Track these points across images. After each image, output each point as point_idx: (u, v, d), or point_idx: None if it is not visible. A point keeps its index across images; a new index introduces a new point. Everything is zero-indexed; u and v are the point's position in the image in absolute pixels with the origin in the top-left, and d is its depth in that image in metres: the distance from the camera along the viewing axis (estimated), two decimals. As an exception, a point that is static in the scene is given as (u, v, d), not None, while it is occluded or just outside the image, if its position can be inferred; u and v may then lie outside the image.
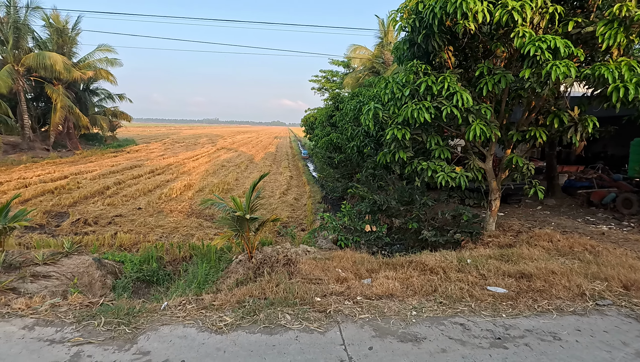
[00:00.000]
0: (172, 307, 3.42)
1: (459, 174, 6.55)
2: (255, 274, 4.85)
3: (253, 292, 3.74)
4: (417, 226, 8.02)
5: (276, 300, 3.55)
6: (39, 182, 17.50)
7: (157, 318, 3.16)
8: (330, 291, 3.95)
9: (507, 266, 5.06)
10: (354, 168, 15.42)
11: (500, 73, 6.15)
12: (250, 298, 3.58)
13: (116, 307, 3.25)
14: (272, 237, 10.52)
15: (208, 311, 3.32)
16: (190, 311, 3.31)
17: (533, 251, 6.49)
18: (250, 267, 5.07)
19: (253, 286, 3.88)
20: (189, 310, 3.32)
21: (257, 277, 4.63)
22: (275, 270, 4.76)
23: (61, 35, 30.05)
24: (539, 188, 7.31)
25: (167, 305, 3.44)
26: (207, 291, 4.08)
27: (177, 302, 3.53)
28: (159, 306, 3.43)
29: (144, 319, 3.14)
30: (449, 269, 5.00)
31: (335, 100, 18.38)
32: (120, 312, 3.18)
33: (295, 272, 4.89)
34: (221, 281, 6.71)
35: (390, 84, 6.82)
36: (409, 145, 7.13)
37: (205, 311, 3.31)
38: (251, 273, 4.90)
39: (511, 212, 11.04)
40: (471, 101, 5.90)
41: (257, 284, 3.98)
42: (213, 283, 6.91)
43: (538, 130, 6.88)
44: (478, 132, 6.10)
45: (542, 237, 7.64)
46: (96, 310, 3.24)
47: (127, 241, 10.04)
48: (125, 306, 3.25)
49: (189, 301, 3.52)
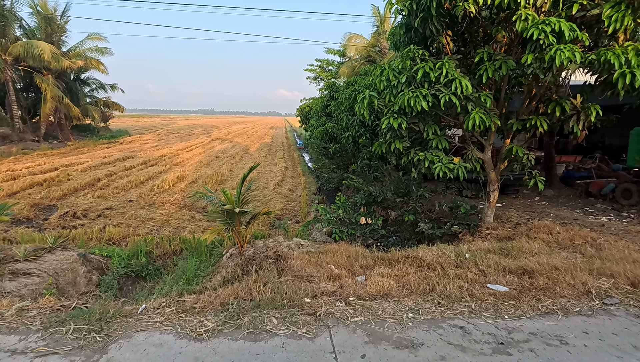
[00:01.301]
0: (150, 310, 3.17)
1: (457, 165, 6.30)
2: (244, 271, 4.60)
3: (238, 292, 3.49)
4: (413, 218, 7.79)
5: (263, 301, 3.30)
6: (28, 175, 17.11)
7: (132, 323, 2.91)
8: (321, 290, 3.71)
9: (508, 261, 4.84)
10: (349, 158, 15.15)
11: (501, 59, 5.86)
12: (235, 299, 3.33)
13: (88, 312, 2.99)
14: (266, 230, 10.27)
15: (188, 314, 3.07)
16: (169, 315, 3.06)
17: (533, 244, 6.28)
18: (239, 264, 4.82)
19: (239, 286, 3.64)
20: (168, 314, 3.07)
21: (245, 275, 4.38)
22: (265, 267, 4.51)
23: (49, 24, 29.24)
24: (539, 179, 7.09)
25: (145, 308, 3.19)
26: (190, 291, 3.82)
27: (157, 304, 3.27)
28: (136, 309, 3.18)
29: (117, 324, 2.88)
30: (447, 264, 4.77)
31: (331, 89, 18.02)
32: (92, 317, 2.93)
33: (285, 268, 4.65)
34: (209, 277, 6.47)
35: (386, 70, 6.51)
36: (405, 135, 6.86)
37: (186, 315, 3.06)
38: (239, 270, 4.65)
39: (509, 203, 10.85)
40: (471, 88, 5.62)
41: (244, 283, 3.73)
42: (202, 278, 6.67)
43: (539, 119, 6.62)
44: (477, 121, 5.83)
45: (542, 229, 7.44)
46: (66, 315, 2.98)
47: (116, 235, 9.76)
48: (98, 311, 2.99)
49: (169, 304, 3.27)
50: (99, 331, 2.78)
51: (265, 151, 31.83)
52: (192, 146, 32.89)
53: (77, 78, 34.11)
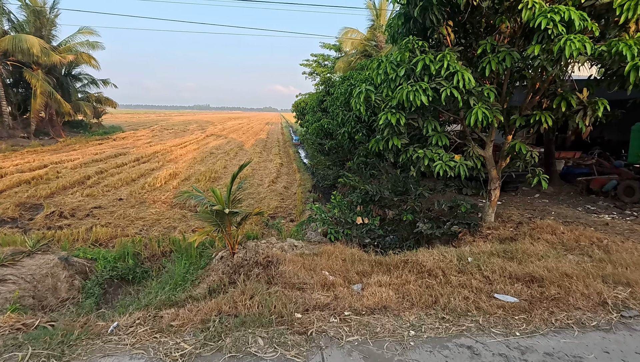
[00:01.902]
0: (122, 328, 2.84)
1: (458, 163, 5.98)
2: (231, 280, 4.27)
3: (222, 306, 3.17)
4: (412, 217, 7.48)
5: (249, 318, 2.98)
6: (16, 172, 16.63)
7: (99, 346, 2.58)
8: (314, 302, 3.40)
9: (513, 266, 4.54)
10: (345, 155, 14.82)
11: (505, 51, 5.53)
12: (218, 316, 3.01)
13: (50, 333, 2.66)
14: (259, 230, 9.92)
15: (164, 334, 2.74)
16: (142, 335, 2.73)
17: (537, 246, 6.00)
18: (226, 271, 4.49)
19: (224, 299, 3.31)
20: (141, 334, 2.73)
21: (232, 283, 4.05)
22: (254, 275, 4.18)
23: (39, 17, 28.56)
24: (542, 177, 6.80)
25: (117, 326, 2.86)
26: (170, 304, 3.49)
27: (131, 321, 2.94)
28: (106, 326, 2.85)
29: (82, 348, 2.55)
30: (449, 270, 4.47)
31: (327, 84, 17.64)
32: (53, 339, 2.59)
33: (276, 275, 4.32)
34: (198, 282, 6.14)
35: (383, 63, 6.17)
36: (403, 132, 6.53)
37: (161, 335, 2.73)
38: (226, 278, 4.32)
39: (509, 200, 10.58)
40: (473, 82, 5.29)
41: (229, 295, 3.41)
42: (191, 282, 6.35)
43: (543, 114, 6.31)
44: (480, 116, 5.51)
45: (545, 229, 7.16)
46: (25, 337, 2.64)
47: (104, 236, 9.38)
48: (60, 332, 2.66)
49: (144, 320, 2.94)
50: (60, 356, 2.44)
51: (261, 147, 31.41)
52: (186, 142, 32.40)
53: (69, 73, 33.44)
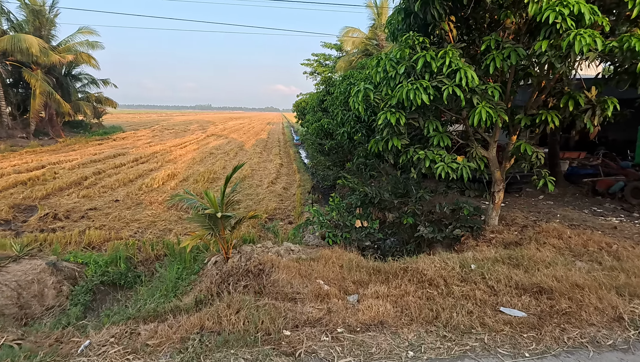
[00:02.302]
0: (95, 347, 2.59)
1: (460, 165, 5.72)
2: (220, 289, 4.03)
3: (205, 322, 2.92)
4: (412, 221, 7.22)
5: (232, 336, 2.73)
6: (13, 173, 16.44)
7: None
8: (305, 317, 3.15)
9: (520, 274, 4.28)
10: (345, 155, 14.57)
11: (510, 47, 5.26)
12: (200, 333, 2.76)
13: (13, 355, 2.42)
14: (256, 232, 9.67)
15: (138, 356, 2.50)
16: (113, 357, 2.48)
17: (544, 251, 5.73)
18: (215, 281, 4.24)
19: (207, 313, 3.07)
20: (112, 356, 2.49)
21: (221, 294, 3.81)
22: (243, 284, 3.93)
23: (38, 17, 28.38)
24: (548, 179, 6.53)
25: (88, 345, 2.62)
26: (149, 318, 3.24)
27: (105, 338, 2.70)
28: (77, 346, 2.61)
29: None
30: (451, 279, 4.21)
31: (327, 84, 17.38)
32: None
33: (268, 284, 4.08)
34: (190, 288, 5.91)
35: (382, 61, 5.91)
36: (404, 132, 6.26)
37: (134, 357, 2.48)
38: (215, 288, 4.08)
39: (512, 202, 10.31)
40: (477, 80, 5.02)
41: (214, 309, 3.16)
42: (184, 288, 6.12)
43: (550, 113, 6.04)
44: (484, 116, 5.24)
45: (551, 233, 6.89)
46: (-16, 359, 2.42)
47: (97, 239, 9.16)
48: (23, 354, 2.42)
49: (119, 338, 2.70)
50: (19, 383, 2.22)
51: (261, 147, 31.17)
52: (187, 142, 32.19)
53: (68, 73, 33.29)
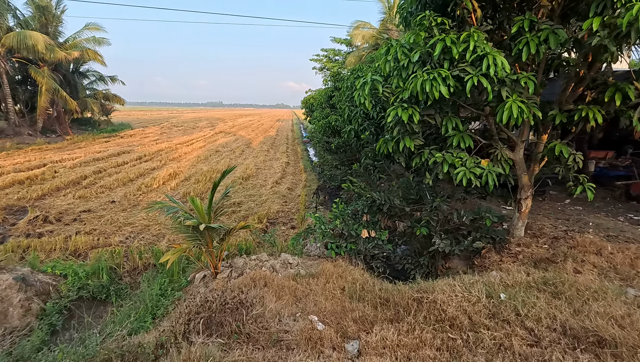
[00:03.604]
0: None
1: (485, 170, 4.84)
2: (188, 329, 3.25)
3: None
4: (426, 231, 6.36)
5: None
6: (12, 172, 16.03)
7: None
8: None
9: (564, 311, 3.41)
10: (354, 154, 13.73)
11: (548, 29, 4.36)
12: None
13: None
14: (255, 238, 8.89)
15: None
16: None
17: (585, 273, 4.84)
18: (181, 320, 3.45)
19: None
20: None
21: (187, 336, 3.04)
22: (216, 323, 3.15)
23: (44, 13, 28.11)
24: (588, 186, 5.61)
25: None
26: None
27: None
28: None
29: None
30: (478, 315, 3.37)
31: (335, 79, 16.54)
32: None
33: (249, 321, 3.29)
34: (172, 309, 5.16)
35: (393, 48, 5.05)
36: (417, 131, 5.40)
37: None
38: (181, 327, 3.30)
39: (536, 206, 9.35)
40: (508, 68, 4.14)
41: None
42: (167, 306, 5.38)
43: (591, 109, 5.11)
44: (515, 112, 4.35)
45: (588, 247, 5.96)
46: None
47: (83, 245, 8.51)
48: None
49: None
50: None
51: (268, 145, 30.46)
52: (194, 140, 31.67)
53: (76, 70, 33.11)
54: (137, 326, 4.64)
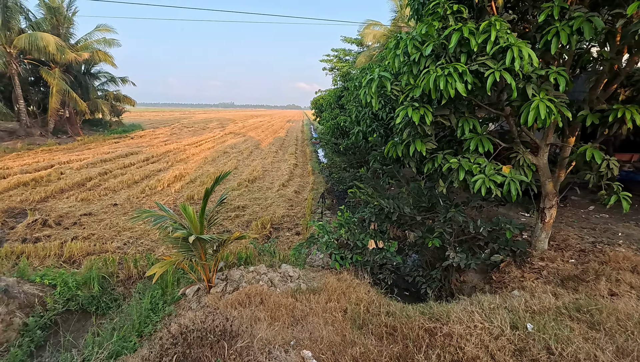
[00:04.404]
0: None
1: (507, 178, 4.28)
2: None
3: None
4: (439, 243, 5.80)
5: None
6: (19, 173, 15.94)
7: None
8: None
9: (607, 351, 2.86)
10: (362, 156, 13.20)
11: (582, 16, 3.79)
12: None
13: None
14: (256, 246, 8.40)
15: None
16: None
17: (621, 295, 4.24)
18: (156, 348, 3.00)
19: None
20: None
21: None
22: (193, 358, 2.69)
23: (55, 15, 28.26)
24: (623, 195, 5.00)
25: None
26: None
27: None
28: None
29: None
30: (502, 352, 2.84)
31: (344, 79, 16.04)
32: None
33: (231, 356, 2.82)
34: (158, 329, 4.73)
35: (403, 41, 4.53)
36: (430, 133, 4.87)
37: None
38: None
39: (557, 213, 8.66)
40: (536, 61, 3.59)
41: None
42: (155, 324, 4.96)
43: (629, 109, 4.51)
44: (542, 112, 3.79)
45: (621, 263, 5.34)
46: None
47: (79, 252, 8.17)
48: None
49: None
50: None
51: (277, 146, 30.09)
52: (203, 141, 31.51)
53: (87, 71, 33.28)
54: (118, 346, 4.22)
